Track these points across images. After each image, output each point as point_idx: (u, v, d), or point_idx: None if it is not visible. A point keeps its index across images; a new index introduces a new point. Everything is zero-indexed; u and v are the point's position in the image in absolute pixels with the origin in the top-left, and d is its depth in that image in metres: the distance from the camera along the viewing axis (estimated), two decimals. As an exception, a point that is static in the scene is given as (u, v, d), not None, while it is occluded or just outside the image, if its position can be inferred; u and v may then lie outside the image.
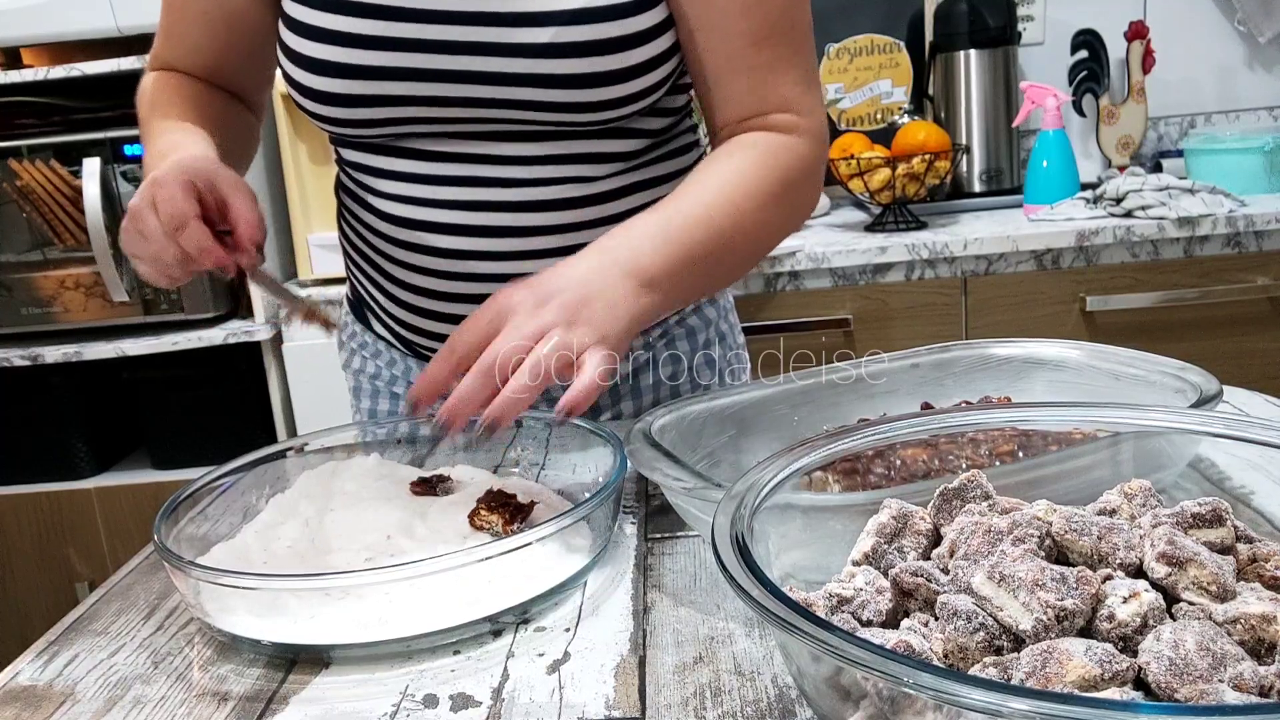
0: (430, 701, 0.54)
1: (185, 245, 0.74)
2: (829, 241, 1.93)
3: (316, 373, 2.02)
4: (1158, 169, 2.27)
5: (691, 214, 0.79)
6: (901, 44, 2.27)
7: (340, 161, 0.96)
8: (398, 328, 0.97)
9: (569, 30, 0.81)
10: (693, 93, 0.96)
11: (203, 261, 0.75)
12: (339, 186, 0.99)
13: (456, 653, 0.59)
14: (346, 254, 1.01)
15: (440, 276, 0.90)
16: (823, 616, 0.44)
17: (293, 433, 2.09)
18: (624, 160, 0.89)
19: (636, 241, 0.77)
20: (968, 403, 0.79)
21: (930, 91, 2.27)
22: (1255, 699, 0.37)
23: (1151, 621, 0.41)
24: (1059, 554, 0.46)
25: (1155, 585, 0.43)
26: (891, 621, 0.46)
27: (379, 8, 0.81)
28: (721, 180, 0.82)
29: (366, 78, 0.82)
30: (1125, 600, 0.42)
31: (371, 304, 1.01)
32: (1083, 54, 2.27)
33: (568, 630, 0.60)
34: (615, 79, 0.83)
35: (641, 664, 0.56)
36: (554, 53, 0.81)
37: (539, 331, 0.69)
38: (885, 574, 0.48)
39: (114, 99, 2.05)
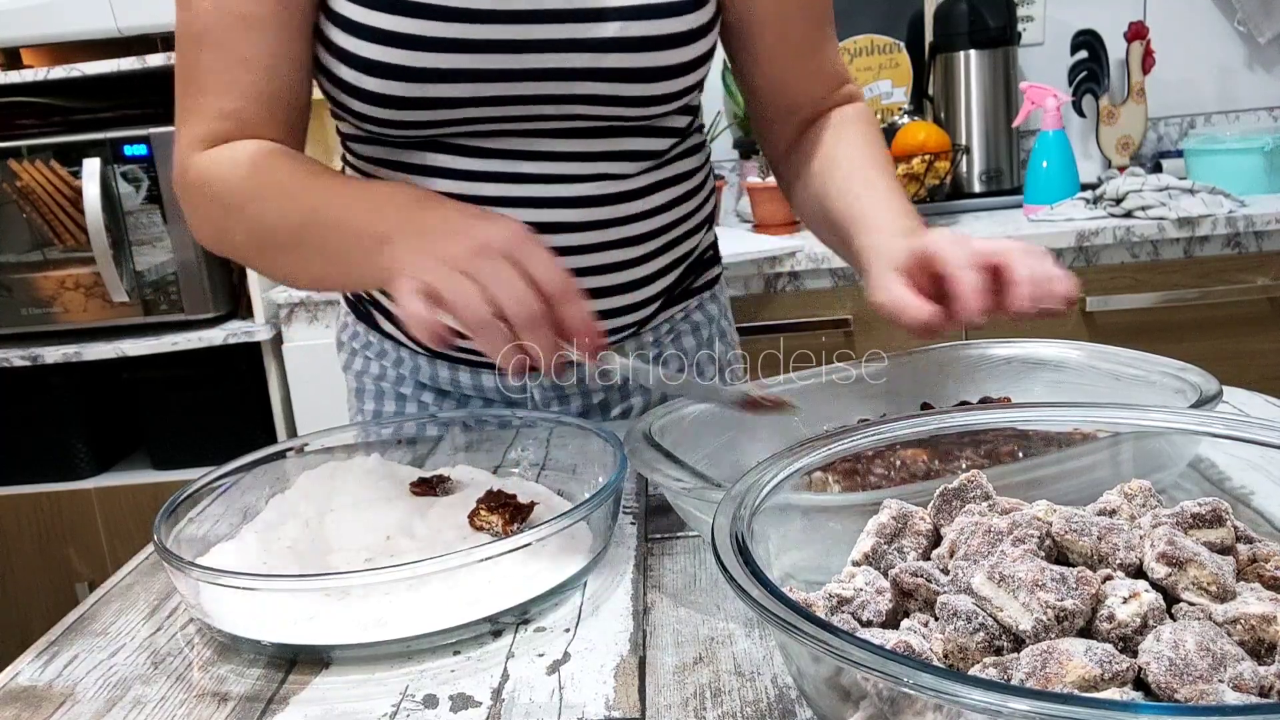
0: (430, 702, 0.54)
1: (571, 320, 0.64)
2: (829, 242, 1.93)
3: (316, 373, 2.02)
4: (1157, 169, 2.27)
5: (893, 187, 0.88)
6: (901, 44, 2.27)
7: (356, 158, 0.93)
8: None
9: (633, 25, 0.82)
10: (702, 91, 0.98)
11: (583, 343, 0.65)
12: None
13: (456, 653, 0.59)
14: None
15: None
16: (822, 617, 0.44)
17: (292, 433, 2.09)
18: (653, 158, 0.91)
19: (910, 220, 0.83)
20: (967, 403, 0.79)
21: (930, 92, 2.27)
22: (1255, 699, 0.37)
23: (1151, 622, 0.41)
24: (1059, 554, 0.46)
25: (1155, 585, 0.43)
26: (891, 622, 0.46)
27: (442, 9, 0.79)
28: (874, 154, 0.92)
29: (428, 80, 0.81)
30: (1125, 600, 0.42)
31: (385, 302, 1.00)
32: (1082, 54, 2.28)
33: (567, 631, 0.60)
34: (671, 74, 0.85)
35: (641, 664, 0.56)
36: (618, 47, 0.82)
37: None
38: (885, 574, 0.48)
39: (114, 99, 2.05)
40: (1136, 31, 2.24)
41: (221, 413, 2.10)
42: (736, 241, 1.94)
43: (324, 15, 0.82)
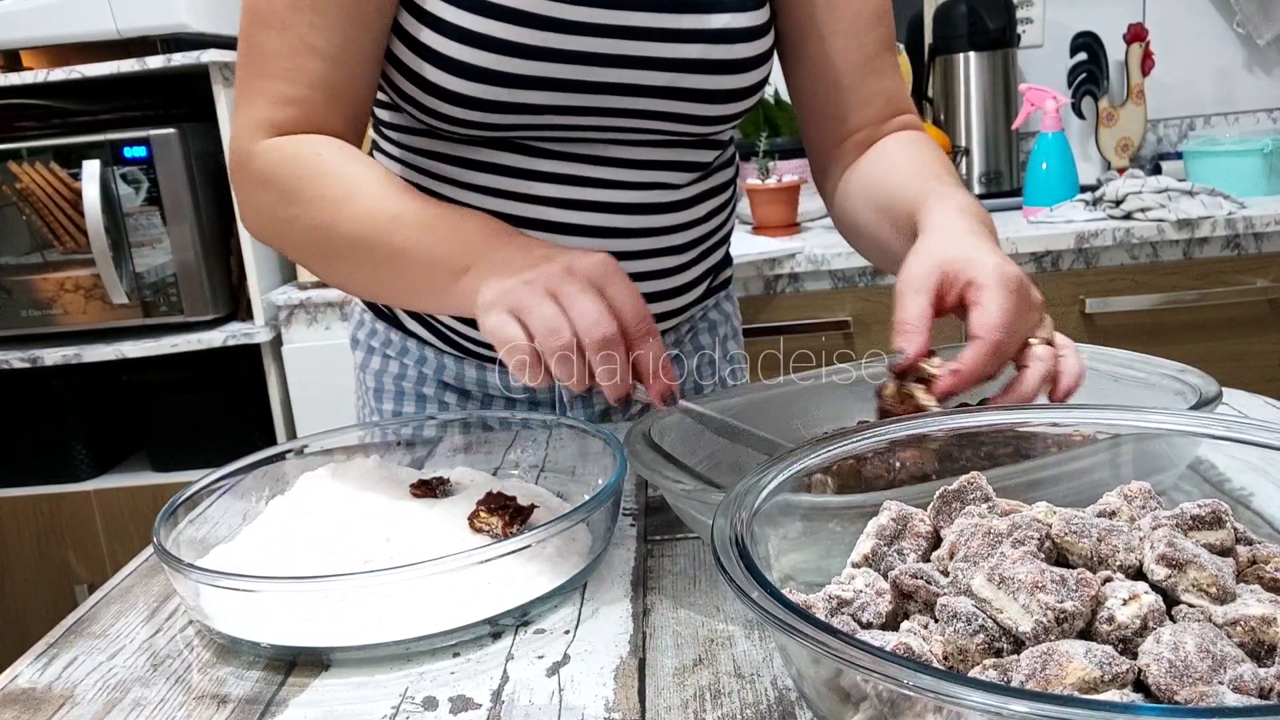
0: (430, 704, 0.54)
1: (644, 359, 0.64)
2: (829, 244, 1.93)
3: (316, 375, 2.02)
4: (1157, 171, 2.27)
5: (960, 186, 0.83)
6: (901, 46, 2.27)
7: (401, 148, 0.91)
8: (452, 322, 0.95)
9: (715, 48, 0.84)
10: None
11: (654, 385, 0.65)
12: None
13: (456, 655, 0.59)
14: None
15: None
16: (822, 619, 0.44)
17: (292, 435, 2.09)
18: (700, 170, 0.93)
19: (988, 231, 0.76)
20: (967, 404, 0.79)
21: (930, 94, 2.27)
22: (1255, 701, 0.37)
23: (1151, 623, 0.41)
24: (1059, 556, 0.46)
25: (1155, 587, 0.43)
26: (891, 624, 0.46)
27: (538, 18, 0.80)
28: (946, 165, 0.87)
29: (515, 86, 0.81)
30: (1125, 602, 0.42)
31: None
32: (1082, 56, 2.28)
33: (567, 632, 0.60)
34: (740, 96, 0.88)
35: (641, 666, 0.56)
36: (699, 68, 0.85)
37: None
38: (885, 576, 0.48)
39: (113, 101, 2.05)
40: (1136, 33, 2.25)
41: (221, 415, 2.10)
42: (736, 243, 1.93)
43: (410, 13, 0.81)
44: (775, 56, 0.93)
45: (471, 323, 0.93)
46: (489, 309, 0.65)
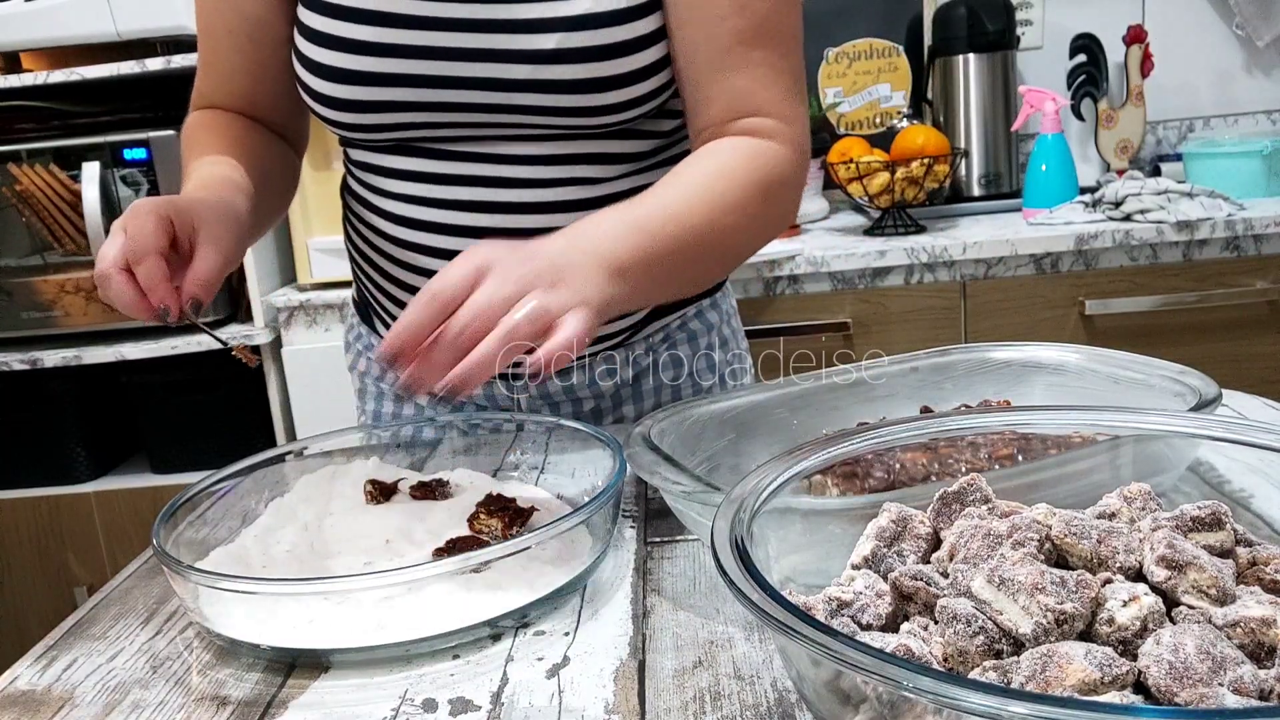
0: (429, 706, 0.54)
1: (139, 277, 0.74)
2: (828, 245, 1.93)
3: (315, 377, 2.02)
4: (1156, 173, 2.27)
5: (664, 210, 0.77)
6: (900, 48, 2.27)
7: (348, 162, 0.96)
8: None
9: (573, 36, 0.81)
10: None
11: (150, 297, 0.75)
12: (345, 189, 0.99)
13: (455, 657, 0.59)
14: (352, 257, 1.01)
15: None
16: (822, 620, 0.44)
17: (292, 437, 2.09)
18: (633, 161, 0.89)
19: (607, 231, 0.73)
20: (967, 406, 0.79)
21: (929, 95, 2.27)
22: (1255, 703, 0.37)
23: (1151, 625, 0.41)
24: (1059, 558, 0.46)
25: (1155, 589, 0.43)
26: (891, 625, 0.46)
27: (386, 15, 0.82)
28: (697, 180, 0.80)
29: (374, 84, 0.83)
30: (1125, 604, 0.42)
31: (376, 306, 1.01)
32: (1081, 58, 2.28)
33: (567, 634, 0.60)
34: (618, 83, 0.83)
35: (641, 668, 0.56)
36: (558, 58, 0.81)
37: (520, 291, 0.65)
38: (885, 577, 0.48)
39: (113, 103, 2.05)
40: (1135, 35, 2.25)
41: (220, 416, 2.10)
42: (736, 245, 1.94)
43: (297, 28, 0.87)
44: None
45: None
46: None
